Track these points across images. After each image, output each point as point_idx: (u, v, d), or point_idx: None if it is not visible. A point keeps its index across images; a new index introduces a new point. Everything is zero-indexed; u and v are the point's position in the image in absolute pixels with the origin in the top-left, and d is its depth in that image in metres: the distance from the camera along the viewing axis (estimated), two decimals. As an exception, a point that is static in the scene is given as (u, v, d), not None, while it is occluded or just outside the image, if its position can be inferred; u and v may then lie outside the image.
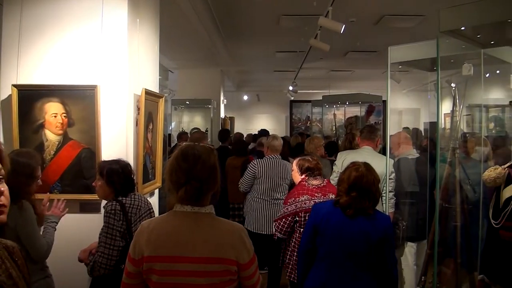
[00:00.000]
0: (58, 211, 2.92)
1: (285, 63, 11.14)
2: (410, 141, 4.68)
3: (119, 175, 2.73)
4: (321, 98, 12.20)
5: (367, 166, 2.78)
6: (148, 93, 3.51)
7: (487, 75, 3.51)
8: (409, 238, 4.32)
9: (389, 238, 2.72)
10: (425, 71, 4.57)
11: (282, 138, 5.42)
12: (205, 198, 1.88)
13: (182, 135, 8.14)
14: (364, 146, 4.54)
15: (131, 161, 3.24)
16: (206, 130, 10.02)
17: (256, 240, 3.30)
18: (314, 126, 13.79)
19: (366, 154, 4.24)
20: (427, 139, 5.26)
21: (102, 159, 3.05)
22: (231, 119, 13.83)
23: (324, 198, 3.45)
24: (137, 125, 3.44)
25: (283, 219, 3.51)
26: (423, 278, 3.71)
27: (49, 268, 2.76)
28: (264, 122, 16.15)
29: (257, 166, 4.94)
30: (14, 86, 3.17)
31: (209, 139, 9.30)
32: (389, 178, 4.19)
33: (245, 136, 9.72)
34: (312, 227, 2.83)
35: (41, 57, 3.25)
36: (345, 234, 2.67)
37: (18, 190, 2.26)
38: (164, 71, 9.37)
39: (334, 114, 11.63)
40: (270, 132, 8.59)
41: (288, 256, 3.57)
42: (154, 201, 3.88)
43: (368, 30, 7.59)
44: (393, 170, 4.29)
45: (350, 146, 5.44)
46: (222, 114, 11.89)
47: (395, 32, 7.27)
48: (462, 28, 3.08)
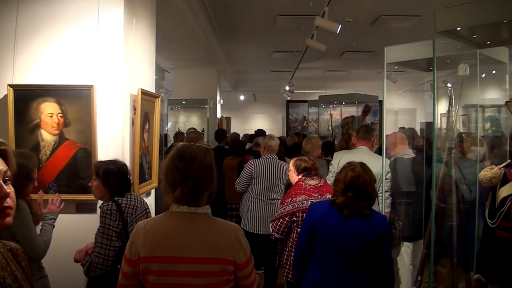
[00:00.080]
0: (55, 207, 2.92)
1: (281, 63, 11.13)
2: (406, 141, 4.69)
3: (115, 176, 2.72)
4: (317, 98, 12.23)
5: (363, 166, 2.79)
6: (144, 93, 3.51)
7: (483, 75, 3.52)
8: (405, 238, 4.33)
9: (385, 238, 2.72)
10: (421, 71, 4.58)
11: (278, 138, 5.42)
12: (201, 198, 1.88)
13: (178, 135, 8.14)
14: (360, 146, 4.55)
15: (127, 161, 3.23)
16: (203, 130, 10.00)
17: (252, 240, 3.30)
18: (310, 126, 13.79)
19: (362, 154, 4.25)
20: (423, 139, 5.27)
21: (98, 159, 3.04)
22: (228, 119, 13.80)
23: (321, 198, 3.45)
24: (133, 125, 3.43)
25: (281, 219, 3.51)
26: (419, 277, 3.72)
27: (45, 268, 2.75)
28: (260, 122, 16.14)
29: (253, 166, 4.95)
30: (10, 86, 3.16)
31: (205, 139, 9.29)
32: (385, 178, 4.20)
33: (241, 136, 9.70)
34: (308, 228, 2.83)
35: (37, 57, 3.24)
36: (341, 234, 2.67)
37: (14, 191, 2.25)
38: (160, 71, 9.37)
39: (331, 114, 11.64)
40: (267, 132, 8.58)
41: (285, 256, 3.57)
42: (150, 201, 3.87)
43: (364, 30, 7.60)
44: (389, 170, 4.29)
45: (347, 146, 5.46)
46: (219, 114, 11.87)
47: (392, 32, 7.29)
48: (458, 28, 3.08)
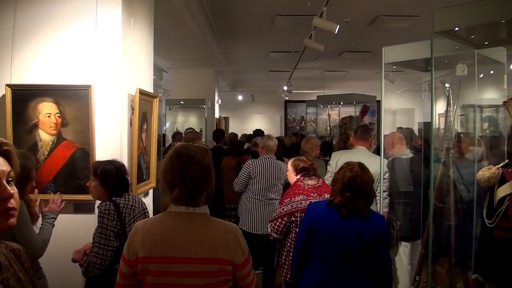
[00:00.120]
0: (55, 206, 2.92)
1: (279, 63, 11.14)
2: (404, 141, 4.70)
3: (114, 176, 2.72)
4: (315, 98, 12.23)
5: (361, 166, 2.79)
6: (142, 93, 3.50)
7: (481, 76, 3.52)
8: (403, 238, 4.33)
9: (383, 238, 2.72)
10: (419, 72, 4.58)
11: (276, 138, 5.42)
12: (199, 198, 1.88)
13: (176, 135, 8.13)
14: (358, 146, 4.54)
15: (125, 161, 3.23)
16: (201, 130, 9.99)
17: (250, 240, 3.30)
18: (308, 126, 13.79)
19: (360, 154, 4.25)
20: (421, 139, 5.27)
21: (96, 159, 3.04)
22: (226, 119, 13.79)
23: (319, 198, 3.45)
24: (131, 125, 3.42)
25: (279, 219, 3.51)
26: (417, 277, 3.72)
27: (42, 269, 2.74)
28: (258, 122, 16.14)
29: (251, 166, 4.94)
30: (8, 86, 3.15)
31: (203, 139, 9.28)
32: (383, 178, 4.20)
33: (239, 136, 9.70)
34: (306, 228, 2.83)
35: (35, 57, 3.23)
36: (339, 234, 2.67)
37: None
38: (158, 71, 9.36)
39: (329, 114, 11.65)
40: (265, 132, 8.58)
41: (283, 256, 3.57)
42: (148, 201, 3.86)
43: (362, 31, 7.61)
44: (387, 170, 4.29)
45: (345, 146, 5.45)
46: (217, 114, 11.87)
47: (390, 32, 7.29)
48: (456, 28, 3.09)
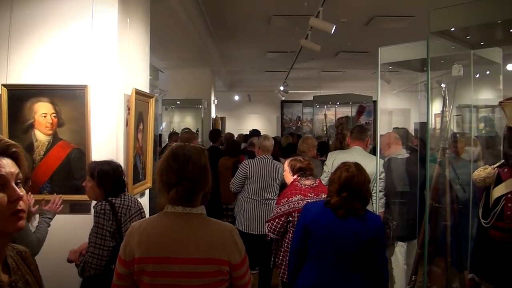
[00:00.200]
0: (55, 207, 2.95)
1: (276, 63, 11.13)
2: (400, 141, 4.71)
3: (110, 177, 2.71)
4: (312, 99, 12.24)
5: (358, 167, 2.79)
6: (138, 93, 3.49)
7: (477, 76, 3.53)
8: (399, 238, 4.34)
9: (379, 238, 2.72)
10: (415, 72, 4.59)
11: (273, 139, 5.42)
12: (196, 198, 1.88)
13: (172, 135, 8.12)
14: (354, 146, 4.55)
15: (121, 161, 3.22)
16: (197, 131, 9.97)
17: (246, 240, 3.29)
18: (305, 127, 13.79)
19: (356, 154, 4.26)
20: (417, 139, 5.29)
21: (92, 160, 3.03)
22: (222, 119, 13.78)
23: (316, 198, 3.44)
24: (127, 125, 3.42)
25: (276, 220, 3.51)
26: (414, 277, 3.72)
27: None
28: (255, 122, 16.16)
29: (248, 166, 4.94)
30: (4, 85, 3.14)
31: (199, 139, 9.27)
32: (379, 178, 4.20)
33: (236, 136, 9.70)
34: (303, 228, 2.83)
35: (31, 56, 3.22)
36: (336, 235, 2.67)
37: None
38: (154, 71, 9.32)
39: (325, 114, 11.64)
40: (261, 132, 8.58)
41: (280, 256, 3.56)
42: (144, 201, 3.85)
43: (358, 31, 7.62)
44: (383, 170, 4.30)
45: (341, 146, 5.46)
46: (213, 114, 11.86)
47: (386, 32, 7.30)
48: (452, 29, 3.09)
